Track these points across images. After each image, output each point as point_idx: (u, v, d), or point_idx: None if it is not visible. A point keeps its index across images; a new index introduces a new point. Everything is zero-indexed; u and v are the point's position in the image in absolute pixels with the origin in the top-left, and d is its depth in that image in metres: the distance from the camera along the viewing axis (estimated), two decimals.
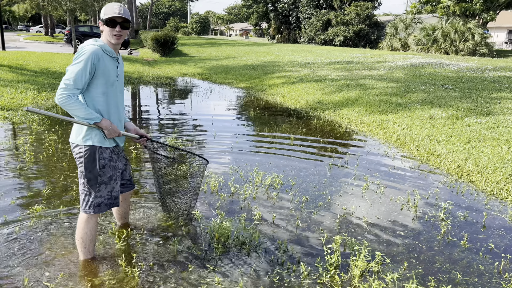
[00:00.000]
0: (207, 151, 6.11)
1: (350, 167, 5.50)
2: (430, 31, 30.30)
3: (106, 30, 2.77)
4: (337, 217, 3.97)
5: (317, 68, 15.53)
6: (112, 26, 2.76)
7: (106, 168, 2.87)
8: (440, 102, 8.58)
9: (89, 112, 2.66)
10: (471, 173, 5.26)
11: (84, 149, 2.79)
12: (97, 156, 2.81)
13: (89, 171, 2.82)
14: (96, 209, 2.90)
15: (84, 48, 2.69)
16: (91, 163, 2.81)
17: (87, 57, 2.63)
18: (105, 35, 2.79)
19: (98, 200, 2.89)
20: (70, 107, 2.61)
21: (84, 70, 2.62)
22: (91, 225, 2.94)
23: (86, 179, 2.84)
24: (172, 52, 24.93)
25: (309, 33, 43.86)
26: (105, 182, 2.89)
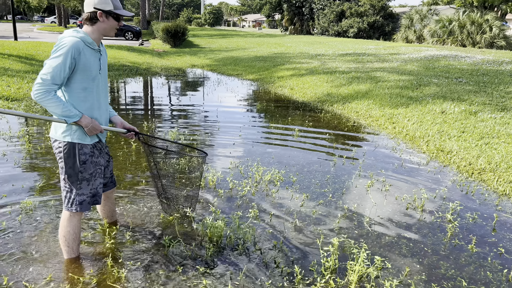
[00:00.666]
0: (209, 143, 5.95)
1: (355, 163, 5.29)
2: (446, 23, 29.57)
3: (110, 24, 2.61)
4: (338, 216, 3.78)
5: (328, 60, 15.22)
6: (117, 20, 2.64)
7: (87, 164, 2.70)
8: (453, 96, 8.27)
9: (67, 109, 2.47)
10: (482, 171, 5.00)
11: (63, 144, 2.63)
12: (77, 151, 2.65)
13: (69, 167, 2.67)
14: (78, 207, 2.74)
15: (63, 40, 2.48)
16: (71, 159, 2.65)
17: (67, 50, 2.43)
18: (101, 28, 2.60)
19: (80, 197, 2.73)
20: (47, 103, 2.42)
21: (63, 65, 2.42)
22: (74, 224, 2.79)
23: (67, 175, 2.68)
24: (183, 43, 24.78)
25: (323, 24, 43.26)
26: (87, 178, 2.73)
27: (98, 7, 2.55)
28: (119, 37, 29.20)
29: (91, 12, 2.57)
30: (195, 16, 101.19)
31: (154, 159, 3.25)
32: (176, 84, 12.26)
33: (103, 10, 2.56)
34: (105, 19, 2.59)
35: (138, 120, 7.14)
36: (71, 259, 2.90)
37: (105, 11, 2.56)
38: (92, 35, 2.59)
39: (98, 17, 2.57)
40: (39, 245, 3.10)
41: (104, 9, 2.55)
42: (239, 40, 28.40)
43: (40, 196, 3.91)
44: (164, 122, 7.20)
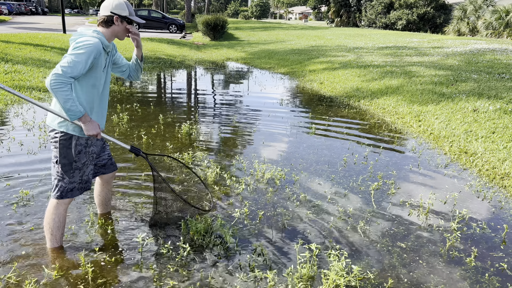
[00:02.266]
0: (216, 136, 5.89)
1: (367, 163, 5.03)
2: (503, 14, 27.66)
3: (122, 27, 2.79)
4: (331, 220, 3.59)
5: (364, 54, 14.69)
6: (130, 24, 2.84)
7: (81, 154, 2.80)
8: (490, 93, 7.68)
9: (74, 105, 2.54)
10: (506, 176, 4.59)
11: (60, 134, 2.71)
12: (73, 142, 2.74)
13: (63, 157, 2.75)
14: (68, 194, 2.83)
15: (88, 39, 2.58)
16: (66, 149, 2.74)
17: (91, 50, 2.56)
18: (116, 31, 2.79)
19: (71, 185, 2.82)
20: (60, 94, 2.48)
21: (85, 62, 2.54)
22: (59, 212, 2.86)
23: (61, 164, 2.77)
24: (223, 36, 24.88)
25: (370, 16, 41.92)
26: (79, 167, 2.82)
27: (115, 12, 2.73)
28: (164, 30, 29.81)
29: (107, 15, 2.74)
30: (242, 9, 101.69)
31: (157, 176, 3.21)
32: (205, 77, 12.30)
33: (119, 15, 2.74)
34: (120, 24, 2.77)
35: (156, 111, 7.20)
36: (53, 248, 2.95)
37: (121, 16, 2.75)
38: (107, 37, 2.77)
39: (114, 21, 2.75)
40: (24, 234, 3.17)
41: (120, 14, 2.74)
42: (279, 33, 28.12)
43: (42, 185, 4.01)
44: (182, 113, 7.22)
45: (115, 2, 2.73)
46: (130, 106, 7.50)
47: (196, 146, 5.43)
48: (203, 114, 7.39)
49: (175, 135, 5.86)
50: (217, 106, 8.28)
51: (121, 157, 4.83)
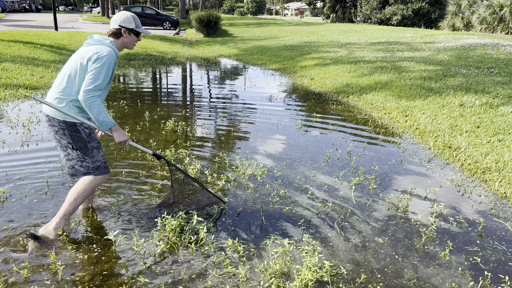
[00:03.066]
0: (201, 133, 5.87)
1: (350, 158, 5.03)
2: (497, 9, 27.69)
3: (131, 39, 3.09)
4: (309, 216, 3.59)
5: (356, 49, 14.67)
6: (137, 36, 3.13)
7: (92, 135, 3.02)
8: (478, 87, 7.69)
9: (106, 116, 2.85)
10: (487, 170, 4.60)
11: (64, 123, 2.90)
12: (78, 127, 2.94)
13: (76, 141, 2.96)
14: (96, 171, 3.04)
15: (104, 52, 2.84)
16: (75, 134, 2.94)
17: (110, 61, 2.85)
18: (124, 42, 3.08)
19: (95, 164, 3.03)
20: (94, 108, 2.77)
21: (107, 74, 2.84)
22: (94, 184, 3.07)
23: (78, 148, 2.97)
24: (216, 32, 24.80)
25: (365, 12, 41.86)
26: (95, 147, 3.03)
27: (123, 25, 3.03)
28: (158, 27, 29.67)
29: (116, 28, 3.03)
30: (238, 5, 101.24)
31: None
32: (195, 74, 12.27)
33: (127, 28, 3.04)
34: (128, 35, 3.06)
35: (143, 108, 7.17)
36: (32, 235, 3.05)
37: (128, 29, 3.04)
38: (118, 47, 3.08)
39: (122, 33, 3.04)
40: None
41: (128, 27, 3.04)
42: (273, 29, 28.06)
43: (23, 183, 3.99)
44: (169, 110, 7.19)
45: (123, 17, 3.02)
46: (117, 104, 7.47)
47: (180, 143, 5.41)
48: (189, 111, 7.36)
49: (159, 132, 5.84)
50: (204, 102, 8.26)
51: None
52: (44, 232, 3.08)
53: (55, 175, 4.20)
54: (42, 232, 3.09)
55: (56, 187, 3.93)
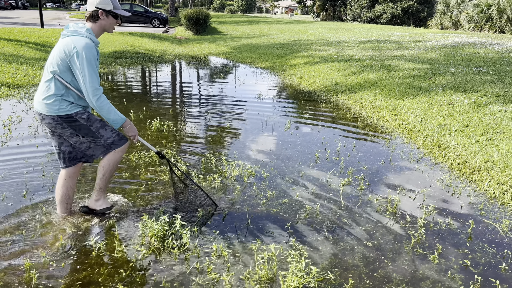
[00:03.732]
0: (187, 133, 5.76)
1: (339, 158, 4.95)
2: (485, 8, 27.89)
3: (109, 22, 2.93)
4: (296, 219, 3.50)
5: (346, 48, 14.64)
6: (115, 19, 2.96)
7: (91, 118, 2.94)
8: (466, 86, 7.67)
9: (117, 113, 2.86)
10: (476, 170, 4.56)
11: (58, 118, 2.84)
12: (75, 117, 2.88)
13: (79, 129, 2.92)
14: (112, 146, 3.04)
15: (81, 47, 2.72)
16: (75, 124, 2.89)
17: (91, 54, 2.75)
18: (103, 25, 2.92)
19: (108, 140, 3.02)
20: (104, 110, 2.80)
21: (94, 66, 2.77)
22: (116, 158, 3.10)
23: (81, 135, 2.94)
24: (206, 30, 24.60)
25: (355, 10, 41.97)
26: (100, 126, 2.98)
27: (100, 7, 2.85)
28: (146, 24, 29.34)
29: (93, 10, 2.86)
30: (228, 3, 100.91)
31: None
32: (183, 72, 12.12)
33: (104, 9, 2.86)
34: (105, 18, 2.89)
35: (128, 107, 7.03)
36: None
37: (105, 10, 2.87)
38: (96, 32, 2.92)
39: (99, 16, 2.87)
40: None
41: (105, 8, 2.86)
42: (263, 27, 27.94)
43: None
44: (155, 109, 7.05)
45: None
46: None
47: (165, 143, 5.29)
48: (176, 110, 7.24)
49: (145, 132, 5.71)
50: (191, 101, 8.14)
51: None
52: (91, 206, 3.26)
53: (34, 177, 4.06)
54: (90, 206, 3.26)
55: (35, 189, 3.79)
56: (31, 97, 7.48)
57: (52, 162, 4.46)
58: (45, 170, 4.24)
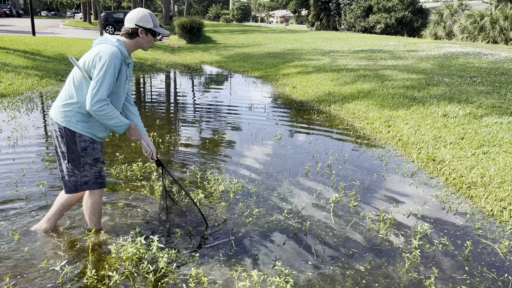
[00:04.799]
0: (173, 145, 5.54)
1: (330, 172, 4.75)
2: (478, 18, 28.04)
3: (147, 39, 2.80)
4: (283, 239, 3.28)
5: (339, 57, 14.53)
6: (154, 36, 2.83)
7: (88, 150, 2.80)
8: (461, 97, 7.53)
9: (119, 121, 2.68)
10: (473, 185, 4.37)
11: (64, 129, 2.72)
12: (76, 139, 2.74)
13: (71, 152, 2.77)
14: (83, 187, 2.87)
15: (105, 54, 2.58)
16: (71, 145, 2.76)
17: (113, 62, 2.58)
18: (140, 42, 2.79)
19: (83, 179, 2.85)
20: (104, 117, 2.61)
21: (112, 78, 2.60)
22: (92, 200, 2.98)
23: (68, 159, 2.79)
24: (200, 38, 24.50)
25: (349, 20, 42.17)
26: (89, 163, 2.83)
27: (140, 24, 2.72)
28: None
29: (132, 28, 2.73)
30: (223, 12, 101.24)
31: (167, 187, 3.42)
32: (173, 81, 11.93)
33: (144, 28, 2.73)
34: (145, 36, 2.77)
35: None
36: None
37: (146, 29, 2.74)
38: (129, 47, 2.78)
39: (138, 33, 2.75)
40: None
41: (145, 26, 2.73)
42: (257, 36, 27.89)
43: None
44: (141, 116, 6.83)
45: (140, 15, 2.72)
46: None
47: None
48: (163, 121, 7.02)
49: (129, 144, 5.48)
50: (180, 112, 7.93)
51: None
52: None
53: (7, 189, 3.82)
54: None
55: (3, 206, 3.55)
56: (14, 107, 7.24)
57: (27, 177, 4.22)
58: (18, 185, 4.00)
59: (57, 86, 9.54)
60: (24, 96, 8.21)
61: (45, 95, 8.55)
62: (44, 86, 9.38)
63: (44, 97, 8.31)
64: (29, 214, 3.45)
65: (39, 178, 4.21)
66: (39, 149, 5.14)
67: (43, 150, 5.10)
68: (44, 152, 5.04)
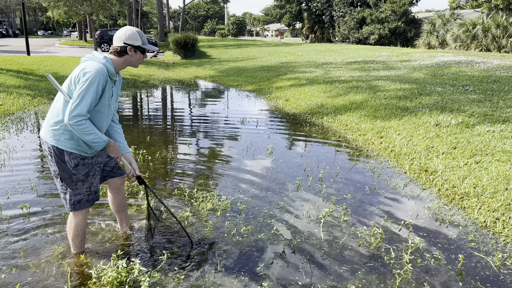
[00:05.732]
0: (161, 161, 5.46)
1: (321, 186, 4.68)
2: (470, 27, 28.27)
3: (136, 57, 2.80)
4: (271, 258, 3.19)
5: (332, 69, 14.57)
6: (143, 53, 2.83)
7: (79, 166, 2.78)
8: (453, 106, 7.50)
9: (97, 137, 2.62)
10: (465, 196, 4.30)
11: (53, 148, 2.71)
12: (65, 157, 2.73)
13: (62, 170, 2.76)
14: (77, 206, 2.85)
15: (91, 70, 2.57)
16: (62, 163, 2.74)
17: (97, 79, 2.56)
18: (129, 60, 2.79)
19: (77, 197, 2.84)
20: (81, 132, 2.56)
21: (95, 95, 2.57)
22: (77, 222, 2.94)
23: (60, 177, 2.79)
24: (194, 54, 24.61)
25: (343, 32, 42.51)
26: (81, 179, 2.82)
27: (128, 42, 2.73)
28: None
29: (121, 46, 2.74)
30: (219, 27, 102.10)
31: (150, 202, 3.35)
32: (165, 97, 11.90)
33: (132, 45, 2.74)
34: (134, 53, 2.77)
35: None
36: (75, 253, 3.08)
37: (134, 46, 2.74)
38: (117, 65, 2.78)
39: (127, 51, 2.75)
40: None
41: (133, 44, 2.74)
42: (252, 50, 28.05)
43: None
44: (130, 136, 6.77)
45: (128, 33, 2.73)
46: None
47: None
48: (151, 137, 6.95)
49: None
50: (169, 127, 7.88)
51: None
52: None
53: None
54: None
55: None
56: (3, 128, 7.17)
57: (11, 199, 4.13)
58: (2, 208, 3.91)
59: (48, 105, 9.49)
60: (14, 116, 8.16)
61: (35, 115, 8.49)
62: (36, 105, 9.34)
63: (34, 117, 8.25)
64: (5, 236, 3.36)
65: (23, 201, 4.12)
66: (26, 171, 5.06)
67: (29, 172, 5.02)
68: (31, 174, 4.95)
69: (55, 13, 32.12)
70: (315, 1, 46.90)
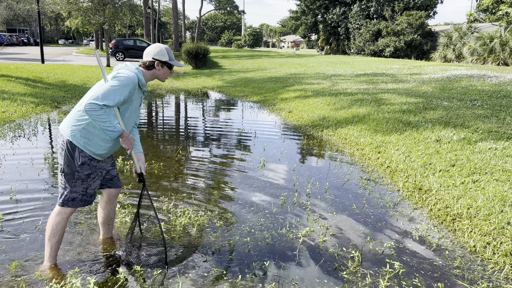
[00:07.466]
0: (152, 174, 5.35)
1: (308, 202, 4.49)
2: (487, 40, 27.75)
3: (163, 72, 3.03)
4: (246, 280, 3.02)
5: (340, 81, 14.36)
6: (169, 69, 3.05)
7: (85, 166, 2.87)
8: (457, 121, 7.23)
9: (112, 125, 2.68)
10: (457, 217, 4.06)
11: (67, 142, 2.80)
12: (77, 153, 2.82)
13: (67, 165, 2.85)
14: (69, 203, 2.93)
15: (125, 74, 2.78)
16: (69, 158, 2.83)
17: (128, 84, 2.75)
18: (156, 74, 3.02)
19: (72, 194, 2.92)
20: (94, 117, 2.62)
21: (120, 94, 2.70)
22: (59, 220, 2.95)
23: (64, 172, 2.86)
24: (206, 64, 24.70)
25: (358, 44, 42.28)
26: (82, 178, 2.90)
27: (156, 58, 2.97)
28: None
29: (149, 61, 2.98)
30: (236, 38, 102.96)
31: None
32: (169, 107, 11.87)
33: (160, 61, 2.97)
34: (161, 68, 3.00)
35: None
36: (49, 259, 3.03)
37: (161, 62, 2.98)
38: (146, 77, 3.01)
39: (155, 66, 2.98)
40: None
41: (161, 59, 2.97)
42: (264, 61, 28.03)
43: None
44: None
45: (157, 49, 2.97)
46: None
47: (124, 184, 4.88)
48: (146, 148, 6.86)
49: None
50: (165, 139, 7.79)
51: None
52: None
53: None
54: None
55: None
56: (2, 134, 7.19)
57: None
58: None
59: (51, 113, 9.54)
60: (15, 123, 8.19)
61: (35, 123, 8.51)
62: (38, 113, 9.38)
63: (34, 125, 8.27)
64: None
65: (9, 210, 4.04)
66: (12, 181, 5.00)
67: (16, 182, 4.96)
68: (18, 184, 4.89)
69: (73, 22, 32.78)
70: (330, 13, 46.86)
